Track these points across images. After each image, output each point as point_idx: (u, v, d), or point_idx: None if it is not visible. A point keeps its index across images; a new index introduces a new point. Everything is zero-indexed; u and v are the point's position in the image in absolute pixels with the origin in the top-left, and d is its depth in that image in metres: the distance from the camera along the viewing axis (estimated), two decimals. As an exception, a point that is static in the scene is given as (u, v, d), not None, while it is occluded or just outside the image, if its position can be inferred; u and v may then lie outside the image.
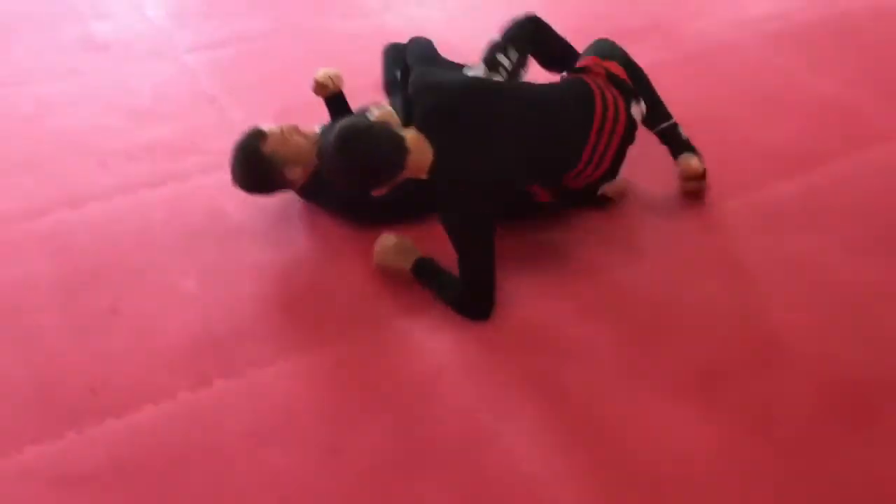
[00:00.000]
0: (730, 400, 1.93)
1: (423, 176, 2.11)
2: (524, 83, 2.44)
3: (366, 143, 2.01)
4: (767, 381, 1.97)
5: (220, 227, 2.48)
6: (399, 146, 2.04)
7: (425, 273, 2.19)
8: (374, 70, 2.91)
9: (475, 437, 1.87)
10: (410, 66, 2.61)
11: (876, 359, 2.01)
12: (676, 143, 2.46)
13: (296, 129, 2.37)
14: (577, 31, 2.69)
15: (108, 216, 2.54)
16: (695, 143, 2.47)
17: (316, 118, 2.56)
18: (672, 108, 2.50)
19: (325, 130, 2.24)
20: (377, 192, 2.10)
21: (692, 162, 2.43)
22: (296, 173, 2.36)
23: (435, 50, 2.75)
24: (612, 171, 2.34)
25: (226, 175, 2.49)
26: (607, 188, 2.40)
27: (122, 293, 2.26)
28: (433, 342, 2.10)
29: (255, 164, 2.31)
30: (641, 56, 2.49)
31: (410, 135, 2.09)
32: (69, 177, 2.71)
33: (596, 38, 2.52)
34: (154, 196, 2.61)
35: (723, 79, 3.15)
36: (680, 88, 2.90)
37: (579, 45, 2.57)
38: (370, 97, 2.65)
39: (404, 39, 2.86)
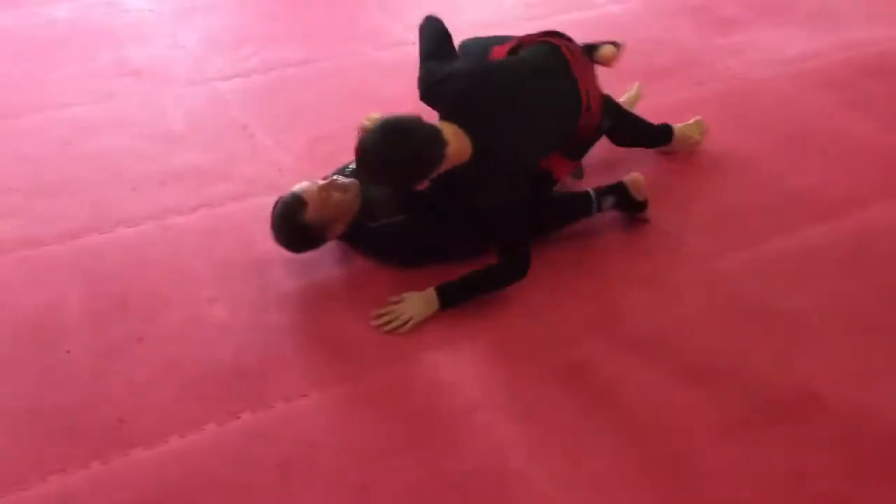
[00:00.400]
0: (763, 450, 1.88)
1: (465, 160, 2.18)
2: (508, 58, 2.54)
3: (406, 136, 2.09)
4: (802, 431, 1.92)
5: (249, 256, 2.47)
6: (437, 137, 2.13)
7: (454, 293, 2.22)
8: (406, 100, 2.91)
9: (505, 474, 1.83)
10: (421, 52, 2.70)
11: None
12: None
13: (333, 186, 2.30)
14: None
15: (138, 242, 2.54)
16: (729, 182, 2.45)
17: (345, 148, 2.55)
18: (707, 144, 2.49)
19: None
20: (419, 186, 2.16)
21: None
22: (339, 230, 2.34)
23: (443, 32, 2.77)
24: (607, 105, 2.55)
25: (256, 202, 2.49)
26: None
27: (150, 321, 2.25)
28: (463, 377, 2.07)
29: (300, 233, 2.29)
30: (671, 93, 2.48)
31: (445, 126, 2.17)
32: (101, 201, 2.71)
33: (629, 75, 2.54)
34: (184, 223, 2.61)
35: (756, 118, 3.12)
36: (713, 127, 2.89)
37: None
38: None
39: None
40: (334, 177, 2.36)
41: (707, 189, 2.73)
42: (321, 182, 2.31)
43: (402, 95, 2.99)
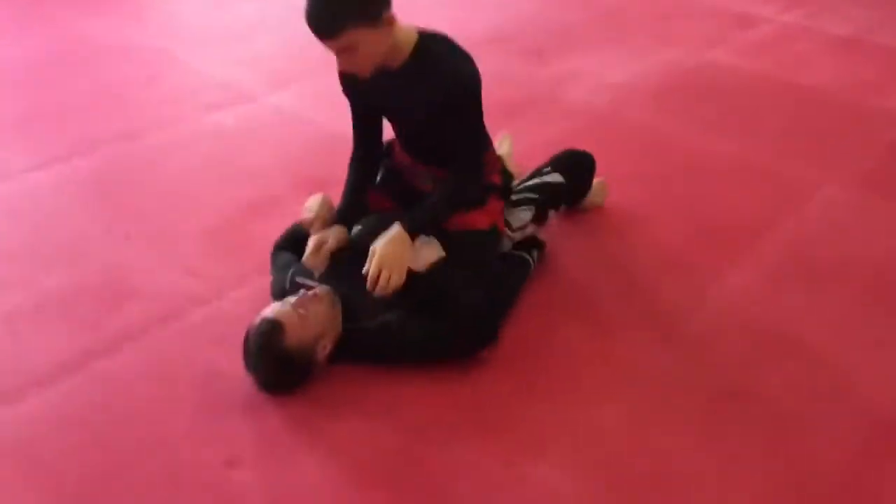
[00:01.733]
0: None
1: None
2: None
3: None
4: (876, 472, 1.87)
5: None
6: None
7: (421, 222, 2.07)
8: (273, 166, 2.62)
9: None
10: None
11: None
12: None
13: (307, 300, 1.99)
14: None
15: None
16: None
17: (241, 246, 2.37)
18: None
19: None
20: None
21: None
22: (327, 347, 2.00)
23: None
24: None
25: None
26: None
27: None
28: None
29: (285, 365, 1.93)
30: (531, 131, 2.47)
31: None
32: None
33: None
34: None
35: (623, 142, 3.22)
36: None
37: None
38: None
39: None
40: (302, 291, 2.04)
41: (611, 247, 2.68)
42: (291, 299, 1.99)
43: (267, 164, 2.70)
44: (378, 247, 1.99)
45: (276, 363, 1.93)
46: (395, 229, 2.01)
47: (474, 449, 1.87)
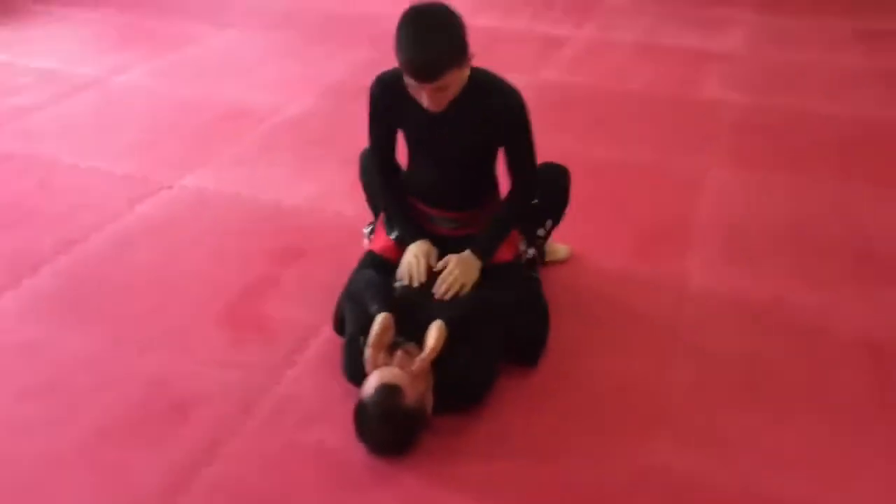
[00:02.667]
0: None
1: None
2: None
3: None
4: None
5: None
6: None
7: (492, 247, 2.32)
8: (234, 282, 2.61)
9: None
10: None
11: None
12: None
13: (405, 357, 2.07)
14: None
15: None
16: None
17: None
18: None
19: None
20: None
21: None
22: (430, 399, 2.09)
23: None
24: None
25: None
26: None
27: None
28: None
29: (409, 426, 2.01)
30: None
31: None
32: None
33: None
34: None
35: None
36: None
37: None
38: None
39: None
40: (398, 350, 2.10)
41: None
42: (382, 359, 2.06)
43: (222, 243, 2.69)
44: (454, 260, 2.26)
45: (400, 426, 2.00)
46: (470, 255, 2.28)
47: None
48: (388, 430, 2.00)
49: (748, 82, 4.48)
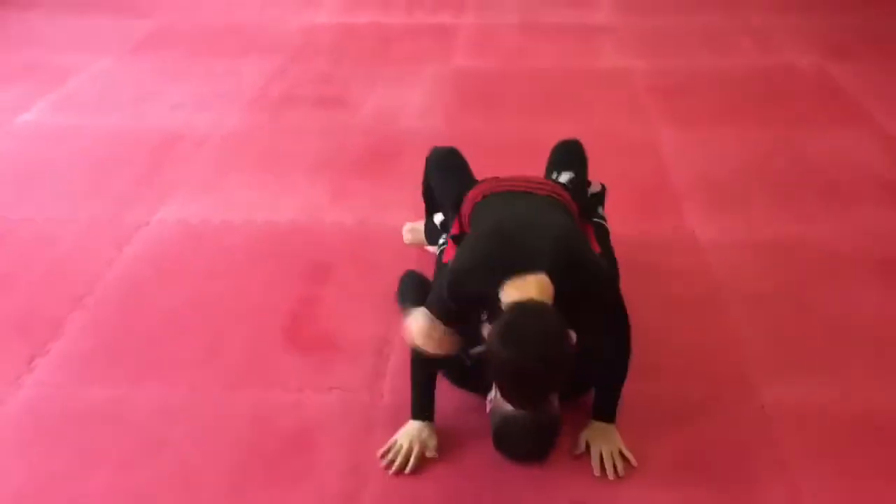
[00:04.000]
0: None
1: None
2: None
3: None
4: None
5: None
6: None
7: (613, 410, 2.17)
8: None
9: None
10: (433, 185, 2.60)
11: None
12: None
13: None
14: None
15: None
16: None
17: None
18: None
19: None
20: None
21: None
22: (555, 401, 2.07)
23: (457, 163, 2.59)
24: None
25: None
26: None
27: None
28: None
29: (555, 433, 2.03)
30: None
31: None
32: None
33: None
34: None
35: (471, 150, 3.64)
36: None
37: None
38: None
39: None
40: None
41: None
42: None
43: (273, 307, 2.63)
44: (593, 439, 2.11)
45: (550, 434, 2.02)
46: (600, 424, 2.13)
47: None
48: (541, 442, 2.01)
49: (637, 49, 4.83)
